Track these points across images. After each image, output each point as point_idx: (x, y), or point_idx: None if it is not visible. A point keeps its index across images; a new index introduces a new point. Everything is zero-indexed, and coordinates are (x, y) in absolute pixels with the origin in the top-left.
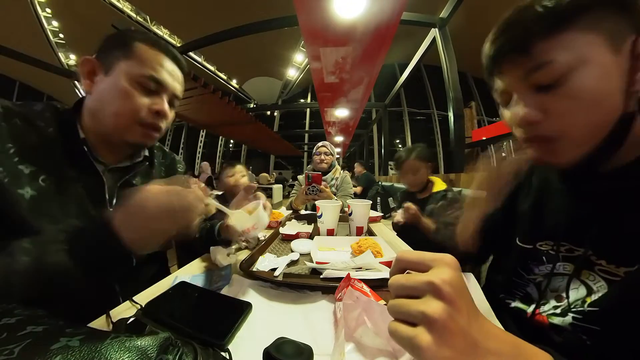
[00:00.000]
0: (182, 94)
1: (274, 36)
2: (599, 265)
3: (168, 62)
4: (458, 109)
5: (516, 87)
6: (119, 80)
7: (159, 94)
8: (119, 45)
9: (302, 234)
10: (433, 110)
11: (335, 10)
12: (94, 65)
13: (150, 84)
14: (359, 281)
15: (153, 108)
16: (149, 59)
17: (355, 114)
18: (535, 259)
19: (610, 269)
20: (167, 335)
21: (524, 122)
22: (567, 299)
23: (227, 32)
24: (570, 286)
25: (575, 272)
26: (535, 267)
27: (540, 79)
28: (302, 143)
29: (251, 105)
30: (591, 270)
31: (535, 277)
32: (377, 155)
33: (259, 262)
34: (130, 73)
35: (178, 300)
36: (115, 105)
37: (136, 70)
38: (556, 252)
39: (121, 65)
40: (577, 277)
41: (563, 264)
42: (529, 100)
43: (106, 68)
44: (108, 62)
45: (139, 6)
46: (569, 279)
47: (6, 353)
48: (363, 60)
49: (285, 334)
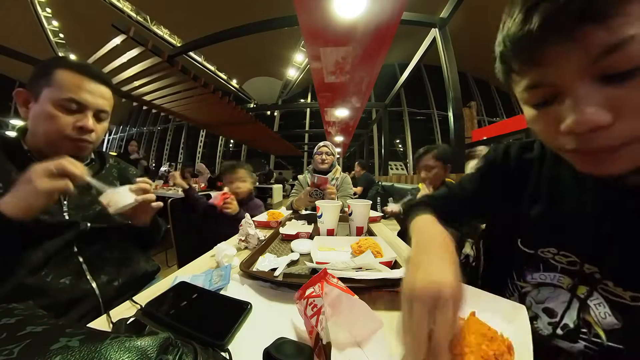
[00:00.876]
0: (110, 107)
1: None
2: (603, 285)
3: (88, 82)
4: (458, 109)
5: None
6: (44, 106)
7: (82, 111)
8: (42, 74)
9: (302, 234)
10: (433, 110)
11: (335, 10)
12: (26, 95)
13: (72, 105)
14: (333, 276)
15: (76, 125)
16: (67, 83)
17: (355, 114)
18: (532, 264)
19: (617, 291)
20: (167, 335)
21: (585, 127)
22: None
23: (227, 32)
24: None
25: (575, 288)
26: (529, 274)
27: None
28: (302, 143)
29: (251, 105)
30: (592, 288)
31: (524, 285)
32: (377, 155)
33: (259, 262)
34: (52, 98)
35: (178, 300)
36: (44, 127)
37: (57, 95)
38: (555, 261)
39: (45, 92)
40: (573, 293)
41: (559, 276)
42: (592, 97)
43: (35, 96)
44: (36, 91)
45: (139, 6)
46: (571, 298)
47: (6, 353)
48: (363, 60)
49: (285, 334)
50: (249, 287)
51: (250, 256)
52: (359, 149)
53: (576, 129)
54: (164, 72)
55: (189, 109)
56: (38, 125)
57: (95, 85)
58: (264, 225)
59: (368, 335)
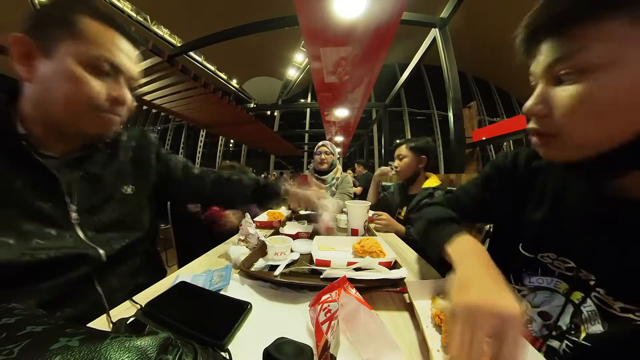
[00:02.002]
0: (139, 76)
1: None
2: (596, 292)
3: (121, 40)
4: (458, 109)
5: (537, 70)
6: (66, 64)
7: (116, 77)
8: (58, 21)
9: (302, 234)
10: (433, 110)
11: (335, 11)
12: (30, 46)
13: (105, 66)
14: (352, 286)
15: (111, 94)
16: (100, 38)
17: (356, 114)
18: (531, 268)
19: (607, 300)
20: (167, 335)
21: (528, 112)
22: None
23: (227, 32)
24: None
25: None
26: (527, 278)
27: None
28: (302, 143)
29: (251, 105)
30: (586, 295)
31: (522, 289)
32: (377, 155)
33: (259, 262)
34: (79, 55)
35: (178, 300)
36: (65, 92)
37: (86, 51)
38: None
39: (67, 46)
40: (567, 298)
41: (556, 280)
42: (542, 92)
43: (45, 50)
44: (47, 42)
45: (139, 6)
46: (566, 303)
47: (5, 353)
48: (363, 60)
49: (285, 334)
50: (249, 287)
51: (250, 256)
52: (359, 149)
53: (524, 111)
54: (164, 72)
55: (189, 109)
56: (54, 90)
57: (128, 46)
58: (265, 225)
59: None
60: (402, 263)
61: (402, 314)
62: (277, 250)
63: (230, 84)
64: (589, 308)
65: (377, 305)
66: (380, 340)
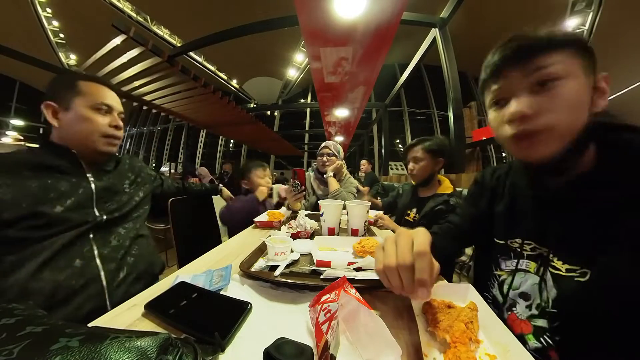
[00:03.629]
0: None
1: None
2: (552, 262)
3: (107, 90)
4: (458, 109)
5: (514, 87)
6: (80, 111)
7: (111, 113)
8: (67, 87)
9: (302, 234)
10: (433, 110)
11: (335, 11)
12: (54, 107)
13: (104, 107)
14: (351, 286)
15: (112, 124)
16: (95, 91)
17: (356, 114)
18: (504, 253)
19: (557, 264)
20: (167, 335)
21: (516, 116)
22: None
23: (227, 32)
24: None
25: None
26: (503, 262)
27: (538, 76)
28: (302, 143)
29: (251, 105)
30: (546, 267)
31: (500, 273)
32: (377, 155)
33: (258, 262)
34: (87, 104)
35: (178, 300)
36: (82, 128)
37: (91, 101)
38: (521, 249)
39: (77, 101)
40: (540, 275)
41: (526, 262)
42: (524, 99)
43: (65, 106)
44: (64, 101)
45: (139, 6)
46: (540, 280)
47: (5, 353)
48: (363, 61)
49: (285, 334)
50: (249, 287)
51: (250, 256)
52: (359, 149)
53: (511, 116)
54: (164, 72)
55: (189, 109)
56: (75, 128)
57: (111, 92)
58: (265, 225)
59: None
60: None
61: (401, 314)
62: (278, 250)
63: (230, 84)
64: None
65: (377, 305)
66: (380, 340)
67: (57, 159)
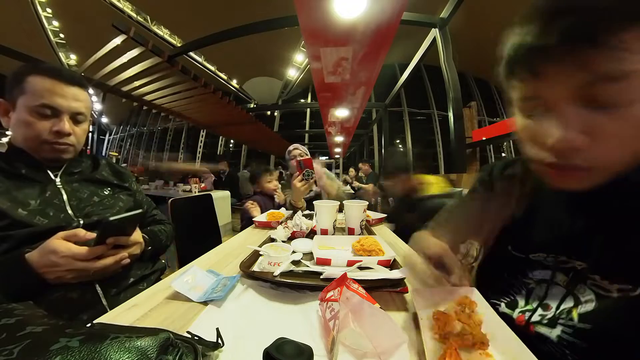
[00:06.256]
0: (86, 108)
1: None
2: (591, 280)
3: (60, 86)
4: (458, 109)
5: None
6: (21, 114)
7: (58, 116)
8: (16, 83)
9: (298, 234)
10: (433, 110)
11: (335, 11)
12: (6, 105)
13: (46, 110)
14: (354, 282)
15: (53, 129)
16: (40, 89)
17: (356, 114)
18: (528, 266)
19: (603, 284)
20: (167, 335)
21: (561, 146)
22: (556, 310)
23: (227, 32)
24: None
25: (571, 284)
26: (530, 272)
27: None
28: (302, 143)
29: (251, 105)
30: (583, 283)
31: (529, 281)
32: (377, 155)
33: (258, 262)
34: (27, 106)
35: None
36: (23, 134)
37: (31, 102)
38: (555, 262)
39: (20, 101)
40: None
41: (554, 273)
42: (575, 118)
43: (13, 105)
44: (12, 100)
45: (139, 6)
46: (566, 292)
47: (5, 354)
48: (363, 61)
49: (285, 334)
50: (249, 287)
51: (250, 256)
52: (359, 149)
53: (558, 146)
54: (164, 72)
55: (189, 109)
56: (18, 132)
57: (68, 88)
58: (264, 225)
59: (391, 348)
60: (401, 262)
61: (401, 314)
62: (272, 260)
63: (230, 84)
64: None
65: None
66: (387, 329)
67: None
